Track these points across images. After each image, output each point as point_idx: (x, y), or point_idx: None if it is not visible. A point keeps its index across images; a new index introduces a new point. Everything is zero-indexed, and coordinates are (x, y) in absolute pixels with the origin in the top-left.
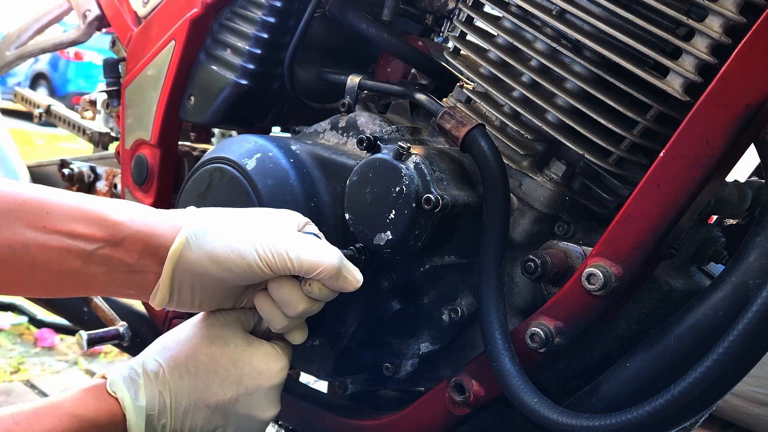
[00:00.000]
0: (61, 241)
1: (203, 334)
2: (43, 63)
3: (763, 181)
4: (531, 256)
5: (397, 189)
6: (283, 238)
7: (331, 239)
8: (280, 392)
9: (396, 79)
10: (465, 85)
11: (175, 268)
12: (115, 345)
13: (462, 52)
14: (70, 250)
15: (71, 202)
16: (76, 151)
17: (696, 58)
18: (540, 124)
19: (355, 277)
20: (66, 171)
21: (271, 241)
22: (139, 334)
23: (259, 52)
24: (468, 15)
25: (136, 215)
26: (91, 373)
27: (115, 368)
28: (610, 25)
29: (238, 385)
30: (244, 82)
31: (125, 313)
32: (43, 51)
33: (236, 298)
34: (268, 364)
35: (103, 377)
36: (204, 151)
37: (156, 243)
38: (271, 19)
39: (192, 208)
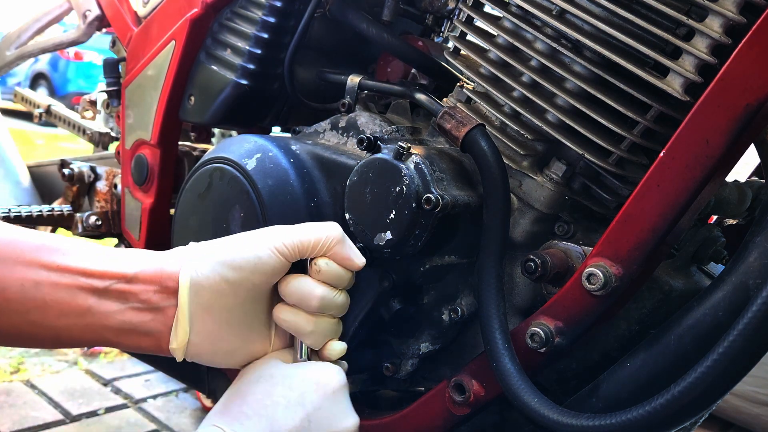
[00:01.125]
0: (73, 279)
1: (247, 381)
2: (43, 63)
3: (763, 181)
4: (531, 256)
5: (397, 189)
6: (282, 228)
7: None
8: (349, 398)
9: (396, 79)
10: (465, 85)
11: (190, 287)
12: None
13: (462, 52)
14: (83, 287)
15: (85, 245)
16: (76, 151)
17: (696, 58)
18: (540, 124)
19: (357, 252)
20: (66, 171)
21: (273, 232)
22: None
23: (259, 52)
24: (468, 15)
25: (146, 254)
26: (92, 374)
27: None
28: (610, 25)
29: (303, 404)
30: (244, 82)
31: None
32: (43, 51)
33: (258, 322)
34: (322, 374)
35: None
36: (204, 151)
37: (168, 273)
38: (272, 19)
39: (194, 243)
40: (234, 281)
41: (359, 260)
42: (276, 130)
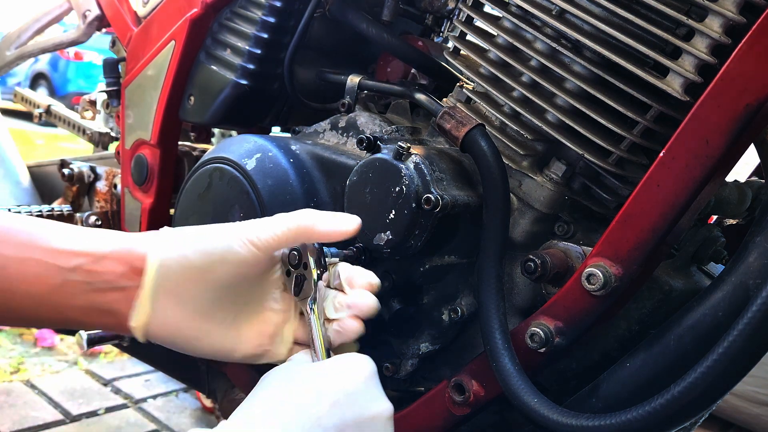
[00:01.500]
0: (41, 257)
1: (269, 381)
2: (43, 63)
3: (763, 181)
4: (531, 256)
5: (397, 189)
6: (257, 221)
7: None
8: (380, 385)
9: (396, 79)
10: (465, 85)
11: (158, 269)
12: (115, 345)
13: (462, 52)
14: (50, 266)
15: (55, 224)
16: (76, 151)
17: (696, 58)
18: (540, 124)
19: (341, 221)
20: (66, 171)
21: (247, 224)
22: None
23: (259, 52)
24: (468, 15)
25: (117, 235)
26: (92, 374)
27: None
28: (610, 25)
29: (333, 392)
30: (244, 82)
31: None
32: (43, 51)
33: (229, 315)
34: (350, 363)
35: None
36: (204, 151)
37: (137, 254)
38: (271, 19)
39: (168, 228)
40: (203, 268)
41: (347, 225)
42: (276, 130)
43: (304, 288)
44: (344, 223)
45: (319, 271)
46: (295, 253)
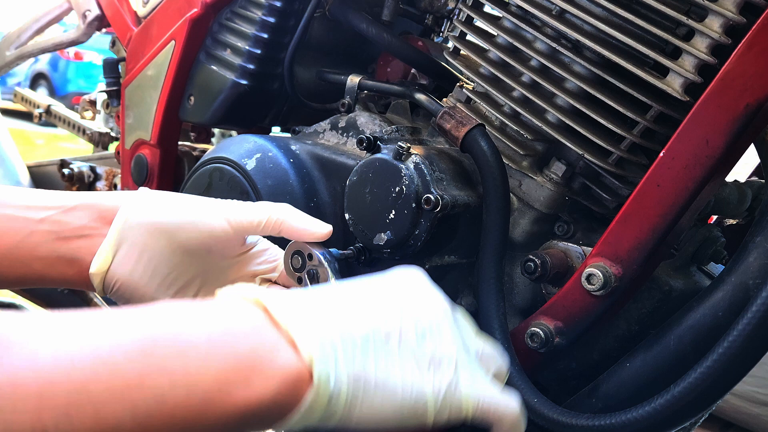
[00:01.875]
0: (12, 213)
1: (318, 290)
2: (43, 63)
3: (763, 181)
4: (531, 256)
5: (397, 189)
6: (235, 202)
7: (331, 239)
8: (434, 285)
9: (396, 79)
10: (465, 85)
11: (125, 221)
12: None
13: (462, 52)
14: (18, 219)
15: (27, 189)
16: (76, 151)
17: (696, 58)
18: (540, 124)
19: (313, 223)
20: (66, 171)
21: (226, 202)
22: None
23: (258, 52)
24: (468, 15)
25: (91, 192)
26: None
27: None
28: (610, 25)
29: (389, 292)
30: (243, 82)
31: None
32: (43, 51)
33: (183, 280)
34: (397, 271)
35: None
36: (204, 151)
37: (108, 206)
38: (271, 19)
39: (145, 188)
40: (171, 228)
41: (319, 229)
42: (276, 130)
43: (320, 279)
44: (317, 227)
45: (325, 257)
46: (297, 256)
